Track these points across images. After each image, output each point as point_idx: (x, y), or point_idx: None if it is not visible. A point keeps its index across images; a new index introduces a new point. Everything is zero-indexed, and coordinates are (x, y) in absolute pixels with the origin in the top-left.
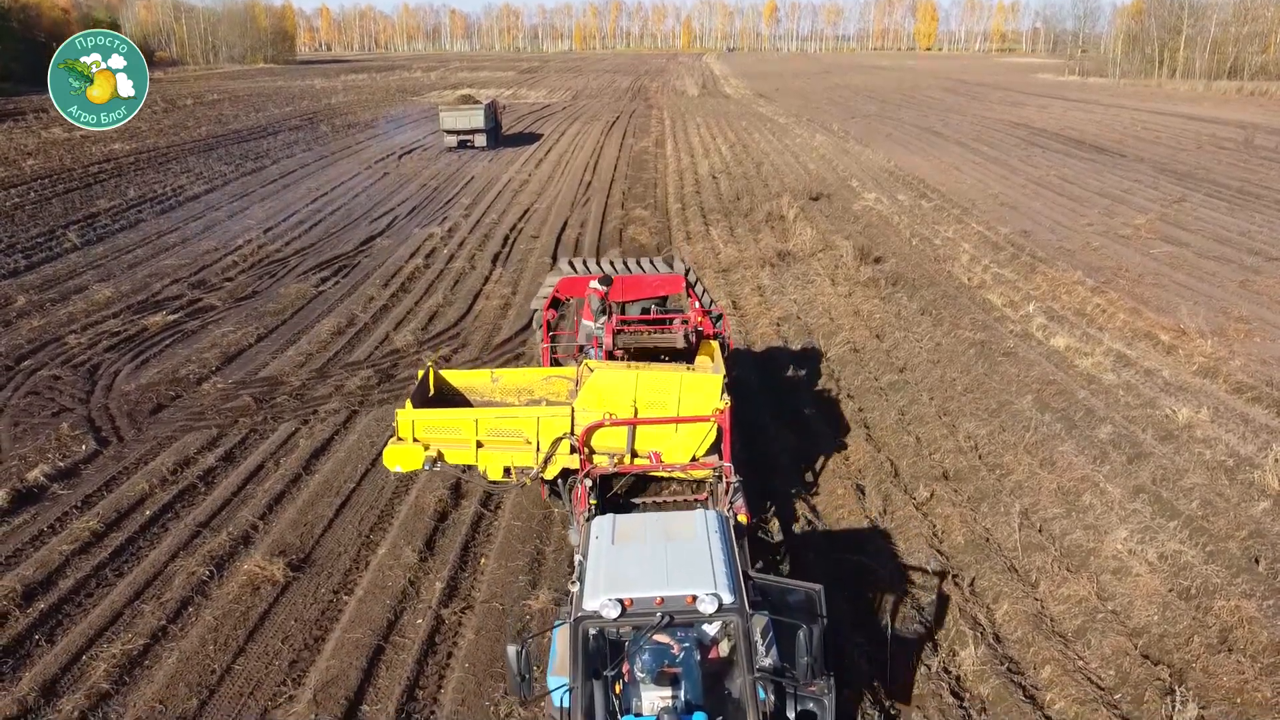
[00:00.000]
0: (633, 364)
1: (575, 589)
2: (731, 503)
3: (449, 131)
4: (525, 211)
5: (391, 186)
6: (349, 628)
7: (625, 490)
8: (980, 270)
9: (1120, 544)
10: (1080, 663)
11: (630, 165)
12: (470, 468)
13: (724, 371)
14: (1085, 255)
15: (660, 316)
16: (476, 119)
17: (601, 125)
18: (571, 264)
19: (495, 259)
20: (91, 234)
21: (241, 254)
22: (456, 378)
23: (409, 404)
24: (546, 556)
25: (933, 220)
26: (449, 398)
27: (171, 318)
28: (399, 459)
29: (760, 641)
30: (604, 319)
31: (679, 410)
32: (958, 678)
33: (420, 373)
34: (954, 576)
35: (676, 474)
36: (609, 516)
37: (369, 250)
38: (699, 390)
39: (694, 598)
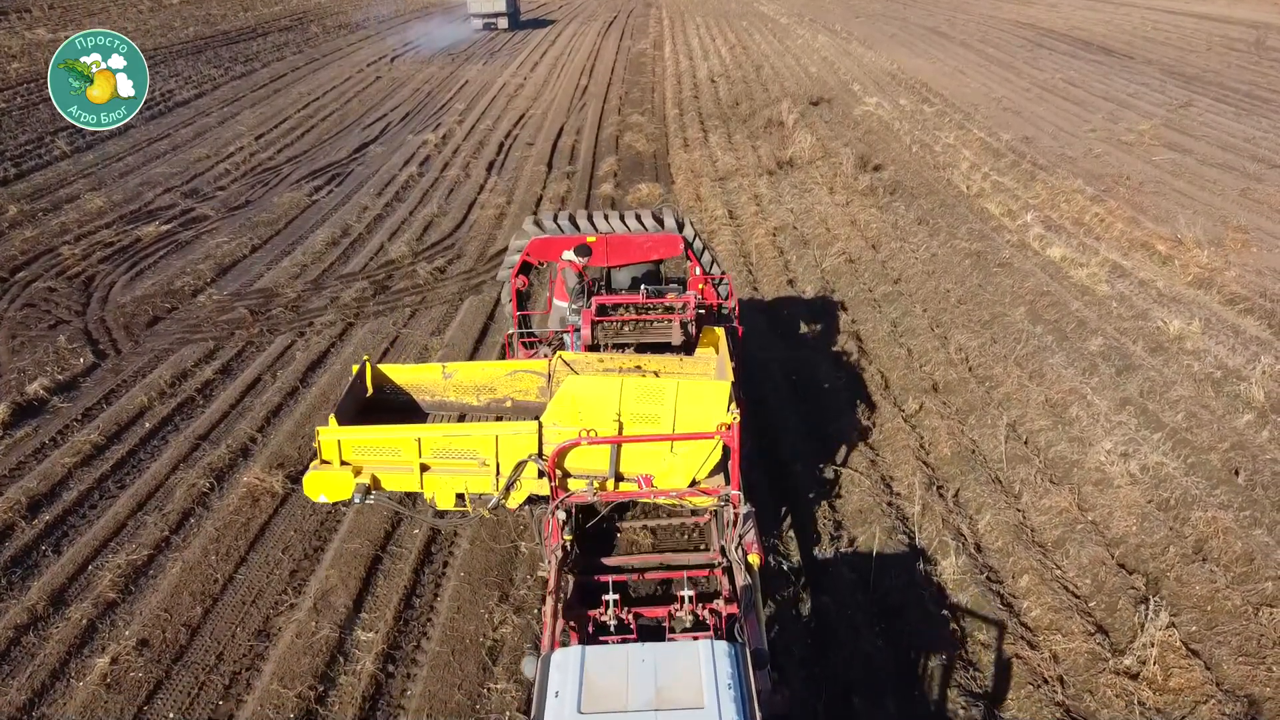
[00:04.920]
0: (617, 356)
1: None
2: (741, 536)
3: (475, 15)
4: (520, 117)
5: (384, 91)
6: (347, 538)
7: (611, 511)
8: (980, 178)
9: (1104, 456)
10: (1058, 572)
11: (627, 69)
12: (414, 496)
13: (731, 374)
14: (1086, 162)
15: (650, 302)
16: (499, 2)
17: (598, 25)
18: (540, 222)
19: (490, 167)
20: (81, 141)
21: (233, 161)
22: (399, 374)
23: (333, 419)
24: None
25: (934, 126)
26: (391, 398)
27: (165, 228)
28: (322, 487)
29: None
30: (581, 302)
31: (675, 425)
32: (938, 586)
33: (354, 369)
34: (939, 488)
35: (672, 501)
36: (575, 653)
37: (362, 158)
38: (700, 400)
39: None
